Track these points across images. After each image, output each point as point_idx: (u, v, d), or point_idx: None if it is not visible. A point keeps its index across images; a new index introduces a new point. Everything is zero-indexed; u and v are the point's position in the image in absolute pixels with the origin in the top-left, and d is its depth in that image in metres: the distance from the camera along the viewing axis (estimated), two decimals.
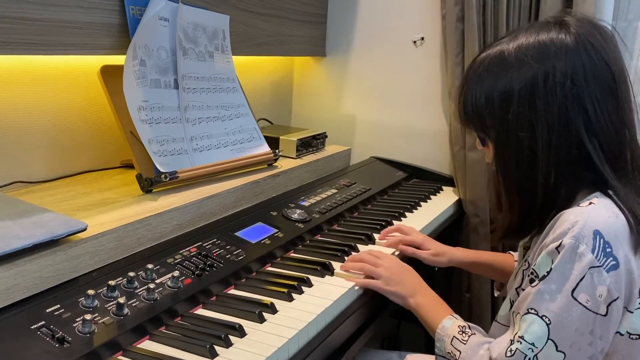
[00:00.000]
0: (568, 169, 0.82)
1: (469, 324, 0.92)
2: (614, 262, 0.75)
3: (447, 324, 0.93)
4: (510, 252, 1.23)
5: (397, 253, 1.20)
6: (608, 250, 0.75)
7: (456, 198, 1.63)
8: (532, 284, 0.79)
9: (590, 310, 0.75)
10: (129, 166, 1.31)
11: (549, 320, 0.76)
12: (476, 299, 1.68)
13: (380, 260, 1.06)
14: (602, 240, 0.75)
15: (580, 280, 0.74)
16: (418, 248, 1.22)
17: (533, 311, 0.77)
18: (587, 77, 0.79)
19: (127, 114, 1.12)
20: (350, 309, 0.98)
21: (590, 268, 0.74)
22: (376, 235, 1.26)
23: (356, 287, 1.01)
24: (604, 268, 0.75)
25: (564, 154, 0.81)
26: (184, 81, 1.26)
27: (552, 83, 0.79)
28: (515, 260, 1.19)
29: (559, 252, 0.76)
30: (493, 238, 0.94)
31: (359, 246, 1.20)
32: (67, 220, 0.89)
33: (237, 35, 1.46)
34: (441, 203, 1.57)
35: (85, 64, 1.22)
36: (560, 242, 0.76)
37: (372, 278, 1.04)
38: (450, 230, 1.57)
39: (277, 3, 1.61)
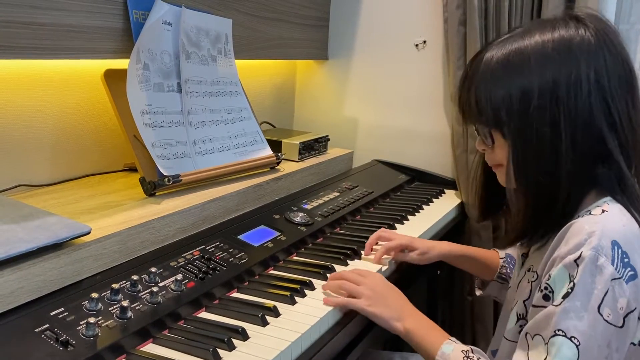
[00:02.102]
0: (589, 165, 0.79)
1: (471, 347, 0.87)
2: (632, 272, 0.73)
3: (447, 349, 0.86)
4: (495, 249, 1.22)
5: (384, 269, 1.14)
6: (626, 260, 0.73)
7: (458, 201, 1.63)
8: (553, 302, 0.74)
9: (611, 324, 0.72)
10: (132, 169, 1.32)
11: (578, 341, 0.71)
12: (478, 301, 1.68)
13: (363, 278, 0.99)
14: (619, 250, 0.73)
15: (605, 294, 0.71)
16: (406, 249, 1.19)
17: (561, 332, 0.72)
18: (610, 74, 0.78)
19: (131, 117, 1.12)
20: (353, 312, 0.98)
21: (611, 280, 0.71)
22: (371, 236, 1.25)
23: (331, 309, 0.94)
24: (624, 279, 0.72)
25: (587, 150, 0.78)
26: (187, 85, 1.26)
27: (577, 78, 0.77)
28: (501, 258, 1.17)
29: (578, 265, 0.72)
30: (501, 243, 0.89)
31: (362, 250, 1.20)
32: (71, 223, 0.89)
33: (240, 39, 1.47)
34: (443, 206, 1.57)
35: (89, 68, 1.22)
36: (580, 254, 0.72)
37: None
38: (452, 234, 1.57)
39: (280, 7, 1.61)
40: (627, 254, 0.73)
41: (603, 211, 0.77)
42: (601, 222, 0.75)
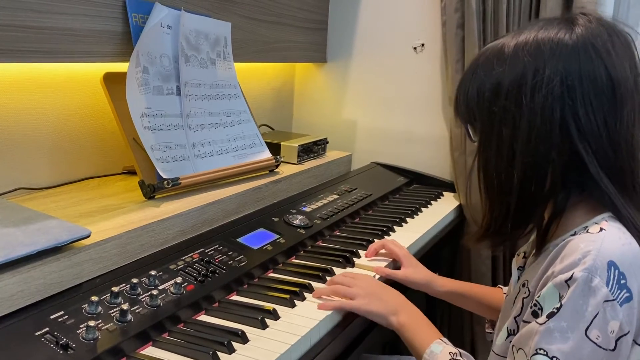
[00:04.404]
0: (554, 172, 0.76)
1: (460, 350, 0.86)
2: (627, 295, 0.69)
3: (436, 349, 0.86)
4: (500, 286, 1.15)
5: (378, 276, 1.12)
6: (622, 282, 0.69)
7: (457, 203, 1.63)
8: (538, 320, 0.72)
9: (600, 347, 0.68)
10: (131, 172, 1.32)
11: None
12: None
13: (355, 280, 1.00)
14: (616, 271, 0.69)
15: (595, 317, 0.68)
16: (398, 263, 1.17)
17: (542, 352, 0.69)
18: (583, 80, 0.73)
19: (130, 120, 1.12)
20: (352, 315, 0.98)
21: (604, 302, 0.68)
22: (376, 241, 1.25)
23: (330, 311, 0.94)
24: (618, 301, 0.68)
25: (543, 155, 0.75)
26: (186, 88, 1.27)
27: (540, 80, 0.74)
28: (504, 294, 1.09)
29: (569, 286, 0.69)
30: (469, 240, 0.86)
31: (360, 252, 1.20)
32: (70, 226, 0.90)
33: (239, 42, 1.47)
34: (442, 209, 1.58)
35: (89, 71, 1.22)
36: (572, 275, 0.69)
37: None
38: (450, 236, 1.58)
39: (278, 10, 1.62)
40: (624, 275, 0.69)
41: (601, 229, 0.73)
42: (598, 240, 0.71)
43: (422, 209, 1.55)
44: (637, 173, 0.78)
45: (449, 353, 0.85)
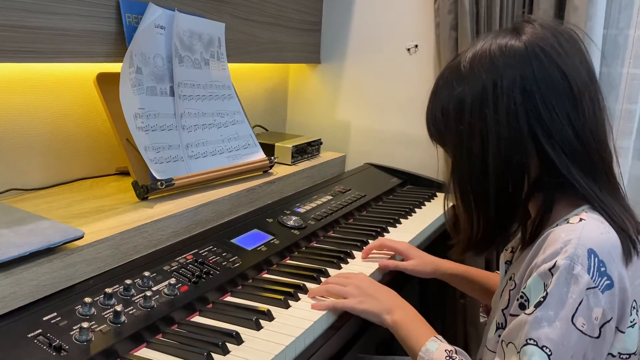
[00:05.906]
0: (528, 177, 0.79)
1: (455, 347, 0.86)
2: (608, 282, 0.71)
3: (432, 346, 0.86)
4: (498, 271, 1.16)
5: (372, 272, 1.13)
6: (602, 269, 0.71)
7: (450, 204, 1.63)
8: (526, 311, 0.73)
9: (586, 335, 0.71)
10: (124, 173, 1.31)
11: (549, 350, 0.70)
12: (471, 304, 1.69)
13: (348, 280, 1.00)
14: (596, 259, 0.71)
15: (579, 304, 0.70)
16: (401, 257, 1.18)
17: (532, 342, 0.71)
18: (539, 82, 0.76)
19: (123, 121, 1.12)
20: (346, 316, 0.99)
21: (586, 290, 0.70)
22: (372, 242, 1.26)
23: (324, 312, 0.93)
24: (599, 289, 0.71)
25: (515, 163, 0.78)
26: (180, 88, 1.26)
27: (500, 91, 0.77)
28: None
29: (552, 275, 0.72)
30: (453, 252, 0.90)
31: (355, 252, 1.20)
32: (63, 227, 0.89)
33: (233, 43, 1.47)
34: (435, 209, 1.58)
35: (82, 72, 1.22)
36: (554, 263, 0.72)
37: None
38: (444, 237, 1.58)
39: (273, 11, 1.62)
40: (604, 263, 0.72)
41: (581, 220, 0.75)
42: (578, 230, 0.74)
43: (416, 209, 1.55)
44: (607, 160, 0.81)
45: (445, 350, 0.85)
